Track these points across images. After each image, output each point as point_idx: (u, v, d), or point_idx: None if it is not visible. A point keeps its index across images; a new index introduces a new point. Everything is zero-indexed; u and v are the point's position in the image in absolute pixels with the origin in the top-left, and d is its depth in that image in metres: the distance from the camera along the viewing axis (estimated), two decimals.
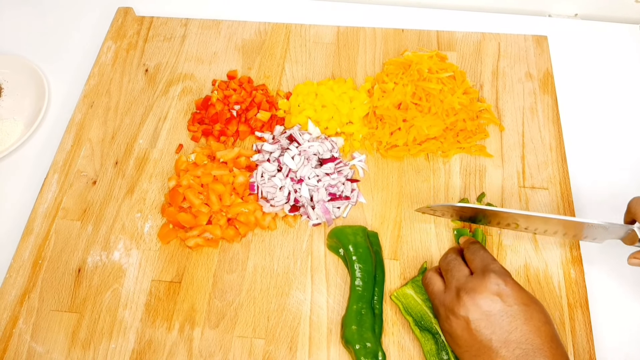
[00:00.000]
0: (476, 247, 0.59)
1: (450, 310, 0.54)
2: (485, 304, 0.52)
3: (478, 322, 0.52)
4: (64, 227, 0.73)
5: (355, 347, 0.61)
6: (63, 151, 0.79)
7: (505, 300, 0.52)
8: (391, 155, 0.77)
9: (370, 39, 0.89)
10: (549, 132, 0.79)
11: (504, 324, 0.51)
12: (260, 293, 0.68)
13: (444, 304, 0.56)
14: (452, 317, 0.54)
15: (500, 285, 0.53)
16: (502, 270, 0.55)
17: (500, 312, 0.52)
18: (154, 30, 0.92)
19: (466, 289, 0.54)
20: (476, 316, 0.52)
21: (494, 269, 0.55)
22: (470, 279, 0.55)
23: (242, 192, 0.73)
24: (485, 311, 0.52)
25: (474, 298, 0.53)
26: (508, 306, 0.52)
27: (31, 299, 0.68)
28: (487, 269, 0.55)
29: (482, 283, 0.53)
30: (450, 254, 0.60)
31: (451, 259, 0.59)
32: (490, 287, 0.53)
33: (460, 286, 0.55)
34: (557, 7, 0.97)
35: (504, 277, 0.54)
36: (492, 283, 0.53)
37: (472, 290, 0.53)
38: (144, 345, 0.65)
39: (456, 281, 0.56)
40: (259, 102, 0.81)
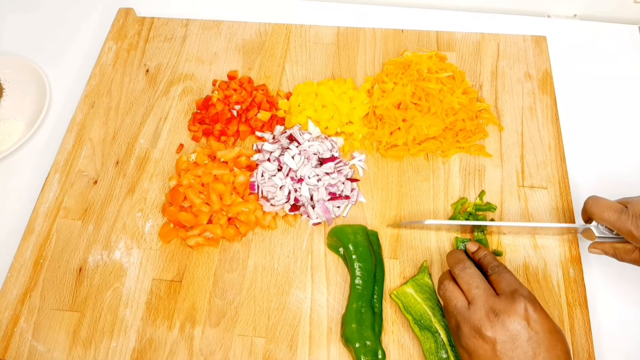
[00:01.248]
0: (501, 268, 0.59)
1: (477, 329, 0.54)
2: (513, 328, 0.52)
3: (504, 344, 0.52)
4: (65, 226, 0.74)
5: (355, 345, 0.61)
6: (64, 151, 0.80)
7: (532, 326, 0.53)
8: (391, 155, 0.77)
9: (370, 40, 0.90)
10: (548, 131, 0.79)
11: (528, 350, 0.52)
12: (260, 292, 0.68)
13: (470, 321, 0.55)
14: (478, 337, 0.54)
15: (529, 310, 0.53)
16: (530, 295, 0.55)
17: (527, 337, 0.52)
18: (154, 31, 0.92)
19: (495, 310, 0.54)
20: (503, 338, 0.52)
21: (523, 293, 0.55)
22: (498, 300, 0.55)
23: (243, 191, 0.73)
24: (512, 335, 0.52)
25: (502, 321, 0.53)
26: (535, 332, 0.52)
27: (32, 298, 0.69)
28: (516, 292, 0.55)
29: (512, 307, 0.53)
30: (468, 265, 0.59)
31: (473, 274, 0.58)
32: (520, 311, 0.53)
33: (488, 307, 0.54)
34: (556, 7, 0.97)
35: (533, 303, 0.54)
36: (521, 307, 0.53)
37: (501, 312, 0.53)
38: (145, 344, 0.65)
39: (484, 300, 0.55)
40: (260, 102, 0.81)
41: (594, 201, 0.62)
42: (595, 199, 0.63)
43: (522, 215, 0.72)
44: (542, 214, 0.72)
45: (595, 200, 0.62)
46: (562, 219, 0.72)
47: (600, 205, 0.61)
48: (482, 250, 0.63)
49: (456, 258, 0.61)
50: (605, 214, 0.60)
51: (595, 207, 0.62)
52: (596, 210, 0.62)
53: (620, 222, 0.59)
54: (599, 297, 0.68)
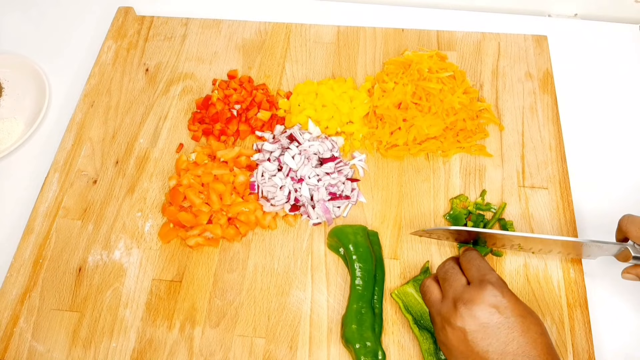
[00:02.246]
0: (472, 255, 0.58)
1: (447, 320, 0.54)
2: (483, 316, 0.52)
3: (475, 333, 0.52)
4: (65, 226, 0.74)
5: (355, 346, 0.61)
6: (64, 150, 0.80)
7: (502, 312, 0.52)
8: (391, 155, 0.77)
9: (370, 39, 0.89)
10: (549, 131, 0.79)
11: (500, 336, 0.51)
12: (260, 292, 0.68)
13: (440, 313, 0.55)
14: (449, 328, 0.53)
15: (498, 296, 0.52)
16: (499, 281, 0.54)
17: (497, 324, 0.51)
18: (154, 30, 0.92)
19: (463, 299, 0.53)
20: (473, 327, 0.52)
21: (491, 280, 0.54)
22: (467, 289, 0.54)
23: (243, 191, 0.73)
24: (482, 322, 0.52)
25: (471, 309, 0.52)
26: (505, 318, 0.51)
27: (32, 298, 0.69)
28: (484, 279, 0.54)
29: (479, 294, 0.53)
30: (448, 263, 0.59)
31: (449, 268, 0.58)
32: (488, 299, 0.52)
33: (457, 296, 0.54)
34: (557, 7, 0.97)
35: (501, 289, 0.53)
36: (489, 294, 0.52)
37: (469, 301, 0.53)
38: (145, 344, 0.65)
39: (453, 291, 0.55)
40: (260, 101, 0.81)
41: (629, 219, 0.60)
42: (630, 217, 0.60)
43: (523, 216, 0.72)
44: (542, 214, 0.72)
45: (630, 218, 0.60)
46: (563, 219, 0.72)
47: (636, 223, 0.59)
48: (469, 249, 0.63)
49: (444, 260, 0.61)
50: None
51: (631, 224, 0.59)
52: (632, 228, 0.59)
53: None
54: (599, 297, 0.68)
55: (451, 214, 0.72)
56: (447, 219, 0.72)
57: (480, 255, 0.58)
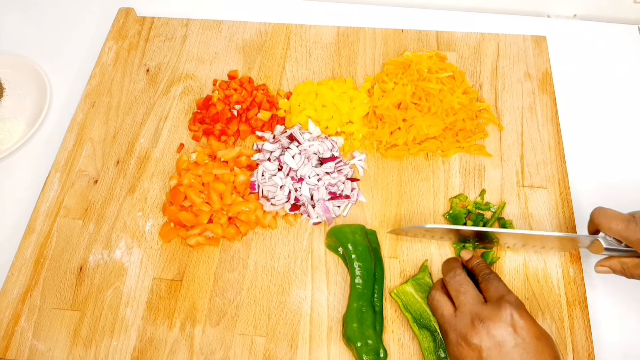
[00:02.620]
0: (491, 276, 0.59)
1: (462, 337, 0.54)
2: (499, 334, 0.52)
3: (490, 351, 0.52)
4: (66, 225, 0.74)
5: (356, 344, 0.61)
6: (65, 150, 0.80)
7: (518, 333, 0.52)
8: (391, 155, 0.77)
9: (370, 39, 0.90)
10: (548, 131, 0.79)
11: (515, 356, 0.51)
12: (261, 291, 0.68)
13: (455, 329, 0.55)
14: (464, 344, 0.54)
15: (515, 317, 0.53)
16: (517, 301, 0.55)
17: (513, 344, 0.52)
18: (155, 31, 0.92)
19: (481, 317, 0.54)
20: (489, 345, 0.52)
21: (510, 300, 0.54)
22: (485, 307, 0.55)
23: (243, 191, 0.73)
24: (498, 341, 0.52)
25: (488, 327, 0.53)
26: (521, 339, 0.52)
27: (33, 297, 0.69)
28: (503, 298, 0.55)
29: (498, 313, 0.53)
30: (459, 273, 0.59)
31: (462, 281, 0.58)
32: (505, 318, 0.53)
33: (474, 313, 0.54)
34: (556, 7, 0.97)
35: (519, 309, 0.54)
36: (507, 314, 0.53)
37: (487, 318, 0.53)
38: (146, 343, 0.65)
39: (470, 307, 0.55)
40: (260, 101, 0.81)
41: (600, 212, 0.61)
42: (601, 209, 0.61)
43: (522, 215, 0.72)
44: (542, 214, 0.73)
45: (602, 210, 0.61)
46: (562, 218, 0.72)
47: (607, 216, 0.60)
48: (475, 258, 0.63)
49: (449, 266, 0.62)
50: (612, 224, 0.59)
51: (602, 217, 0.60)
52: (603, 220, 0.60)
53: (629, 230, 0.58)
54: (599, 296, 0.69)
55: (450, 214, 0.72)
56: (446, 218, 0.72)
57: (497, 276, 0.59)
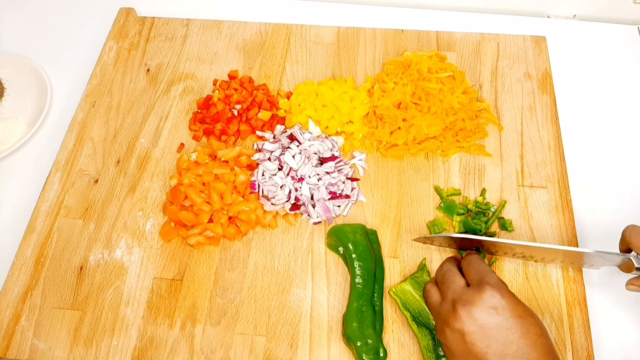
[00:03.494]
0: (472, 258, 0.58)
1: (446, 322, 0.54)
2: (481, 317, 0.52)
3: (474, 335, 0.51)
4: (66, 225, 0.74)
5: (356, 344, 0.61)
6: (65, 150, 0.80)
7: (501, 313, 0.52)
8: (391, 155, 0.77)
9: (370, 40, 0.90)
10: (548, 131, 0.79)
11: (500, 338, 0.51)
12: (261, 291, 0.68)
13: (440, 315, 0.55)
14: (447, 330, 0.53)
15: (497, 297, 0.52)
16: (498, 282, 0.54)
17: (497, 325, 0.51)
18: (155, 31, 0.93)
19: (462, 301, 0.53)
20: (472, 329, 0.51)
21: (490, 281, 0.54)
22: (466, 290, 0.54)
23: (243, 190, 0.73)
24: (481, 324, 0.51)
25: (469, 310, 0.52)
26: (504, 319, 0.51)
27: (33, 296, 0.69)
28: (483, 280, 0.54)
29: (479, 295, 0.53)
30: (446, 265, 0.59)
31: (447, 270, 0.58)
32: (487, 300, 0.52)
33: (455, 298, 0.54)
34: (556, 8, 0.97)
35: (500, 290, 0.53)
36: (488, 295, 0.52)
37: (468, 302, 0.53)
38: (146, 342, 0.66)
39: (452, 293, 0.55)
40: (260, 101, 0.81)
41: (633, 229, 0.59)
42: (634, 227, 0.60)
43: (522, 215, 0.73)
44: (541, 213, 0.73)
45: (634, 228, 0.59)
46: (562, 218, 0.72)
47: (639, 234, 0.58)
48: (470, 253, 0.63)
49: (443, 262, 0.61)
50: None
51: (634, 235, 0.58)
52: (636, 239, 0.58)
53: None
54: (598, 296, 0.69)
55: (442, 206, 0.72)
56: (440, 209, 0.72)
57: (479, 257, 0.58)
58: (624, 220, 0.63)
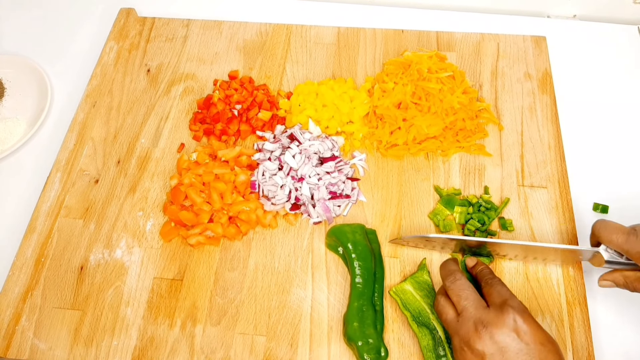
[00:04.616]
0: (494, 280, 0.58)
1: (466, 342, 0.53)
2: (503, 340, 0.52)
3: (493, 357, 0.51)
4: (67, 225, 0.74)
5: (357, 343, 0.61)
6: (66, 150, 0.80)
7: (522, 338, 0.52)
8: (391, 154, 0.77)
9: (370, 40, 0.90)
10: (548, 131, 0.79)
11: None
12: (261, 290, 0.68)
13: (459, 334, 0.55)
14: (467, 350, 0.53)
15: (519, 321, 0.52)
16: (520, 306, 0.54)
17: (517, 350, 0.51)
18: (155, 31, 0.93)
19: (483, 322, 0.53)
20: (492, 351, 0.51)
21: (513, 304, 0.54)
22: (487, 311, 0.54)
23: (244, 190, 0.74)
24: (501, 347, 0.51)
25: (491, 332, 0.52)
26: (525, 344, 0.51)
27: (34, 296, 0.69)
28: (505, 303, 0.54)
29: (501, 318, 0.53)
30: (459, 277, 0.59)
31: (463, 285, 0.58)
32: (509, 323, 0.52)
33: (476, 318, 0.54)
34: (556, 8, 0.97)
35: (522, 314, 0.53)
36: (510, 319, 0.52)
37: (489, 323, 0.53)
38: (146, 342, 0.66)
39: (472, 312, 0.55)
40: (260, 101, 0.81)
41: (601, 224, 0.61)
42: (602, 222, 0.61)
43: (522, 214, 0.73)
44: (541, 213, 0.73)
45: (603, 223, 0.61)
46: (562, 217, 0.72)
47: (608, 228, 0.60)
48: (479, 264, 0.63)
49: (448, 270, 0.61)
50: (613, 236, 0.59)
51: (603, 229, 0.60)
52: (604, 232, 0.60)
53: (629, 243, 0.58)
54: (599, 295, 0.69)
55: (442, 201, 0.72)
56: (441, 204, 0.72)
57: (500, 280, 0.58)
58: (624, 219, 0.63)
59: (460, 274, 0.59)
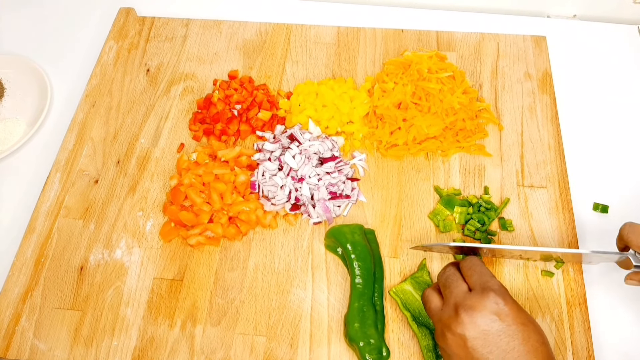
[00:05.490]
0: (474, 261, 0.58)
1: (447, 326, 0.53)
2: (483, 323, 0.51)
3: (475, 340, 0.51)
4: (66, 225, 0.74)
5: (359, 344, 0.61)
6: (65, 150, 0.80)
7: (503, 320, 0.51)
8: (391, 155, 0.77)
9: (370, 39, 0.90)
10: (548, 131, 0.79)
11: (501, 344, 0.50)
12: (261, 291, 0.68)
13: (441, 320, 0.55)
14: (449, 334, 0.53)
15: (500, 304, 0.52)
16: (501, 288, 0.54)
17: (498, 332, 0.51)
18: (155, 31, 0.93)
19: (464, 306, 0.53)
20: (473, 334, 0.51)
21: (493, 287, 0.53)
22: (468, 295, 0.54)
23: (244, 190, 0.73)
24: (482, 330, 0.51)
25: (471, 316, 0.52)
26: (506, 325, 0.51)
27: (34, 296, 0.69)
28: (485, 286, 0.54)
29: (481, 301, 0.52)
30: (449, 269, 0.59)
31: (449, 274, 0.58)
32: (489, 306, 0.52)
33: (458, 303, 0.54)
34: (556, 8, 0.97)
35: (503, 296, 0.53)
36: (491, 301, 0.52)
37: (470, 307, 0.52)
38: (146, 343, 0.66)
39: (454, 297, 0.54)
40: (260, 101, 0.81)
41: (631, 228, 0.59)
42: (632, 225, 0.60)
43: (522, 214, 0.73)
44: (541, 213, 0.73)
45: (632, 227, 0.59)
46: (562, 217, 0.72)
47: (637, 232, 0.58)
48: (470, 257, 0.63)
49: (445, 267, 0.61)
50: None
51: (632, 234, 0.59)
52: (633, 237, 0.58)
53: None
54: (599, 295, 0.69)
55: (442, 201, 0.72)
56: (441, 204, 0.72)
57: (481, 262, 0.58)
58: (624, 219, 0.63)
59: (451, 267, 0.59)
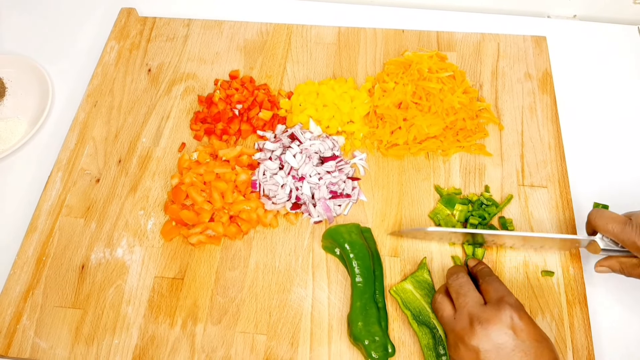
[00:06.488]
0: (492, 278, 0.59)
1: (460, 338, 0.53)
2: (498, 337, 0.52)
3: (488, 353, 0.51)
4: (68, 224, 0.74)
5: (364, 342, 0.61)
6: (67, 149, 0.80)
7: (518, 335, 0.52)
8: (391, 154, 0.77)
9: (370, 40, 0.90)
10: (548, 131, 0.80)
11: (514, 359, 0.51)
12: (262, 289, 0.68)
13: (454, 330, 0.55)
14: (462, 346, 0.53)
15: (515, 319, 0.52)
16: (517, 303, 0.54)
17: (512, 347, 0.51)
18: (156, 31, 0.93)
19: (479, 318, 0.53)
20: (487, 347, 0.51)
21: (509, 301, 0.54)
22: (484, 308, 0.54)
23: (244, 189, 0.74)
24: (496, 344, 0.51)
25: (486, 329, 0.52)
26: (521, 341, 0.51)
27: (35, 295, 0.69)
28: (502, 300, 0.54)
29: (497, 315, 0.53)
30: (462, 276, 0.59)
31: (463, 282, 0.58)
32: (505, 320, 0.52)
33: (472, 314, 0.54)
34: (556, 8, 0.98)
35: (518, 311, 0.53)
36: (507, 316, 0.52)
37: (485, 320, 0.53)
38: (147, 341, 0.66)
39: (468, 309, 0.55)
40: (261, 101, 0.81)
41: (597, 213, 0.62)
42: (598, 211, 0.62)
43: (522, 214, 0.73)
44: (542, 213, 0.73)
45: (598, 212, 0.62)
46: (562, 218, 0.72)
47: (604, 217, 0.61)
48: (480, 264, 0.63)
49: (453, 270, 0.61)
50: (609, 226, 0.60)
51: (599, 219, 0.61)
52: (600, 222, 0.61)
53: (625, 233, 0.58)
54: (599, 295, 0.69)
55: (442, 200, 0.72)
56: (441, 204, 0.72)
57: (498, 278, 0.59)
58: None
59: (463, 273, 0.60)
